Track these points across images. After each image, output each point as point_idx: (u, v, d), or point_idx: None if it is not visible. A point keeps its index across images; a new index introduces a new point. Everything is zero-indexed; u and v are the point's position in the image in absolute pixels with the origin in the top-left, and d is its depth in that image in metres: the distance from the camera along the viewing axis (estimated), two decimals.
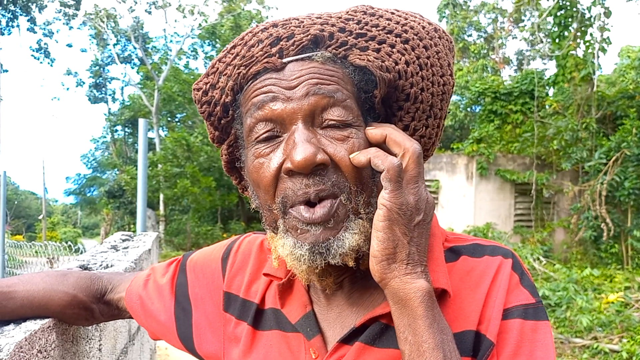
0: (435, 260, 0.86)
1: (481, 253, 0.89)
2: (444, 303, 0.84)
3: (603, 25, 12.27)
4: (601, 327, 7.37)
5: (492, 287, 0.85)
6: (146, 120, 4.63)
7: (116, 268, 1.86)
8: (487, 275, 0.86)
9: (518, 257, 0.89)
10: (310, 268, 0.83)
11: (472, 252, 0.90)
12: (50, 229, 32.80)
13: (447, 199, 14.23)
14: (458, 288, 0.85)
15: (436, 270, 0.85)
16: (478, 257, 0.89)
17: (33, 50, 29.96)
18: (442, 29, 0.94)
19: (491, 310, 0.83)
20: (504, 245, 0.91)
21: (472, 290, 0.85)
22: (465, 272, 0.87)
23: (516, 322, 0.81)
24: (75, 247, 6.70)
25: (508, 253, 0.89)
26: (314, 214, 0.80)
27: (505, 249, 0.90)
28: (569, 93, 12.98)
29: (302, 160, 0.78)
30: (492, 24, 25.49)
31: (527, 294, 0.84)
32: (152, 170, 20.55)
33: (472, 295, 0.85)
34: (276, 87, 0.83)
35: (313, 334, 0.90)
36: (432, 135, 0.93)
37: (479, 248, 0.91)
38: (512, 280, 0.85)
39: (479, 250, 0.90)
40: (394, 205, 0.77)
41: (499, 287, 0.84)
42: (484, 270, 0.87)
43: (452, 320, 0.82)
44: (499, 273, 0.86)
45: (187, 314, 1.09)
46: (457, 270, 0.88)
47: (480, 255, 0.89)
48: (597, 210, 11.65)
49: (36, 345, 1.02)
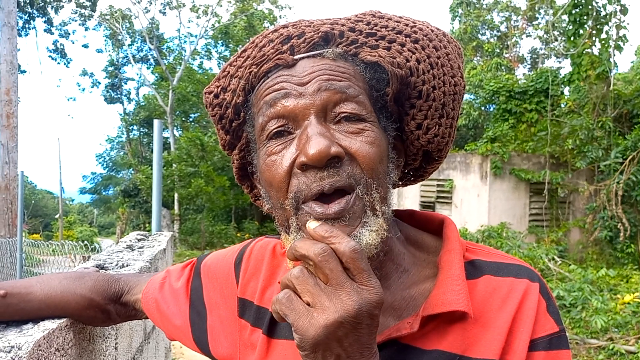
0: (456, 278, 0.83)
1: (506, 273, 0.86)
2: (464, 325, 0.81)
3: (619, 23, 12.12)
4: (617, 328, 7.29)
5: (518, 315, 0.81)
6: (161, 121, 4.66)
7: (132, 267, 1.88)
8: (512, 300, 0.83)
9: (544, 280, 0.87)
10: None
11: (496, 271, 0.87)
12: (66, 228, 33.04)
13: (461, 199, 14.15)
14: (480, 310, 0.82)
15: (457, 290, 0.82)
16: (502, 277, 0.86)
17: (50, 51, 30.31)
18: (450, 35, 0.95)
19: (518, 341, 0.80)
20: (527, 265, 0.89)
21: (495, 313, 0.82)
22: (489, 294, 0.84)
23: (540, 355, 0.80)
24: (92, 246, 6.76)
25: (534, 276, 0.86)
26: (327, 209, 0.78)
27: (530, 270, 0.87)
28: (584, 92, 12.84)
29: (316, 152, 0.76)
30: (506, 22, 25.27)
31: (553, 322, 0.83)
32: (166, 169, 20.64)
33: (495, 319, 0.82)
34: (288, 83, 0.83)
35: None
36: (446, 135, 0.92)
37: (503, 267, 0.87)
38: (540, 308, 0.83)
39: (504, 270, 0.87)
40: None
41: (527, 315, 0.81)
42: (508, 293, 0.83)
43: (471, 344, 0.80)
44: (526, 299, 0.83)
45: (202, 318, 1.09)
46: (479, 291, 0.84)
47: (505, 275, 0.86)
48: (613, 210, 11.53)
49: (54, 344, 1.04)
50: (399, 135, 0.93)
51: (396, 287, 0.89)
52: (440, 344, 0.81)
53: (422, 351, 0.82)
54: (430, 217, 1.01)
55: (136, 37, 31.36)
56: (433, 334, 0.82)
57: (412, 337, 0.82)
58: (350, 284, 0.69)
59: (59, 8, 27.76)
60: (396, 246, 0.91)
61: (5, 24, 11.18)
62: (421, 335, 0.82)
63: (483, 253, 0.91)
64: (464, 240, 0.94)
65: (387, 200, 0.84)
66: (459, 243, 0.90)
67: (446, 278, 0.84)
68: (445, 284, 0.83)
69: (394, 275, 0.90)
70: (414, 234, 0.97)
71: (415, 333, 0.82)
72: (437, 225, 0.98)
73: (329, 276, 0.69)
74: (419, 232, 0.98)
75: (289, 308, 0.70)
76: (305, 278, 0.70)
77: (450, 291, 0.81)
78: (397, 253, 0.91)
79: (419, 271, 0.91)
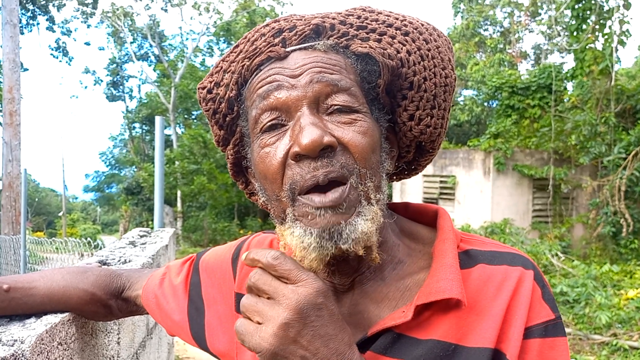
0: (449, 267, 0.83)
1: (500, 261, 0.86)
2: (459, 314, 0.81)
3: (622, 18, 12.08)
4: (621, 324, 7.29)
5: (513, 302, 0.81)
6: (162, 118, 4.67)
7: (134, 263, 1.89)
8: (506, 287, 0.82)
9: (538, 268, 0.87)
10: (320, 256, 0.80)
11: (490, 260, 0.86)
12: (70, 225, 33.19)
13: (464, 195, 14.15)
14: (474, 298, 0.82)
15: (450, 278, 0.81)
16: (496, 265, 0.85)
17: (52, 49, 30.30)
18: (439, 30, 0.95)
19: (513, 329, 0.80)
20: (522, 253, 0.89)
21: (490, 302, 0.82)
22: (483, 282, 0.84)
23: (536, 342, 0.80)
24: (95, 243, 6.78)
25: (528, 263, 0.86)
26: (325, 198, 0.79)
27: (524, 257, 0.87)
28: (587, 87, 12.81)
29: (309, 142, 0.77)
30: (509, 17, 25.22)
31: (548, 309, 0.82)
32: (169, 167, 20.70)
33: (490, 307, 0.81)
34: (280, 75, 0.84)
35: None
36: (438, 126, 0.93)
37: (497, 255, 0.87)
38: (535, 295, 0.82)
39: (498, 258, 0.87)
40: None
41: (521, 302, 0.81)
42: (503, 281, 0.83)
43: (466, 333, 0.80)
44: (520, 286, 0.82)
45: (200, 314, 1.10)
46: (473, 279, 0.84)
47: (499, 263, 0.86)
48: (616, 205, 11.51)
49: (56, 338, 1.05)
50: (392, 127, 0.94)
51: (391, 278, 0.90)
52: (436, 334, 0.81)
53: (417, 340, 0.82)
54: (424, 209, 1.01)
55: (138, 34, 31.35)
56: (428, 324, 0.82)
57: (407, 327, 0.82)
58: (283, 287, 0.74)
59: (61, 6, 27.79)
60: (391, 238, 0.92)
61: (7, 21, 11.19)
62: (416, 324, 0.82)
63: (477, 243, 0.91)
64: (458, 231, 0.94)
65: (381, 189, 0.85)
66: (452, 233, 0.90)
67: (439, 267, 0.84)
68: (438, 272, 0.83)
69: (389, 266, 0.90)
70: (408, 226, 0.98)
71: (410, 322, 0.82)
72: (431, 216, 0.99)
73: (267, 291, 0.75)
74: (413, 223, 0.99)
75: (243, 333, 0.76)
76: (251, 303, 0.76)
77: (443, 279, 0.81)
78: (391, 244, 0.91)
79: (413, 262, 0.91)
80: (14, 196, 11.21)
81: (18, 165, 11.26)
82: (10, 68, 11.17)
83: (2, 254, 10.03)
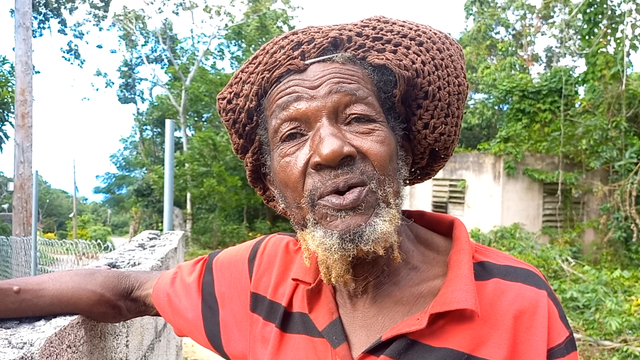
0: (464, 278, 0.85)
1: (514, 277, 0.87)
2: (473, 324, 0.83)
3: (634, 22, 12.00)
4: (631, 330, 7.22)
5: (528, 323, 0.83)
6: (172, 120, 4.69)
7: (143, 266, 1.90)
8: (520, 306, 0.84)
9: (549, 285, 0.88)
10: (343, 257, 0.81)
11: (505, 275, 0.88)
12: (80, 227, 33.38)
13: (474, 199, 14.08)
14: (488, 311, 0.84)
15: (465, 289, 0.83)
16: (510, 282, 0.87)
17: (64, 52, 30.48)
18: (452, 37, 0.97)
19: (529, 350, 0.81)
20: (534, 269, 0.90)
21: (503, 316, 0.83)
22: (497, 296, 0.85)
23: None
24: (105, 244, 6.82)
25: (541, 282, 0.87)
26: (343, 200, 0.81)
27: (537, 275, 0.89)
28: (599, 91, 12.72)
29: (330, 152, 0.79)
30: (521, 20, 25.10)
31: (564, 327, 0.85)
32: (179, 169, 20.78)
33: (503, 322, 0.83)
34: (300, 87, 0.86)
35: (339, 342, 0.90)
36: (451, 134, 0.95)
37: (511, 270, 0.88)
38: (552, 315, 0.84)
39: (512, 274, 0.88)
40: None
41: (539, 323, 0.83)
42: (516, 299, 0.84)
43: (479, 344, 0.82)
44: (537, 307, 0.84)
45: (214, 313, 1.10)
46: (488, 293, 0.86)
47: (513, 280, 0.87)
48: (627, 210, 11.41)
49: (65, 341, 1.05)
50: (407, 135, 0.95)
51: (405, 283, 0.91)
52: (449, 342, 0.82)
53: (430, 348, 0.83)
54: (440, 219, 1.03)
55: (150, 37, 31.55)
56: (441, 332, 0.83)
57: (420, 334, 0.83)
58: None
59: (73, 9, 27.99)
60: (405, 243, 0.93)
61: (20, 24, 11.30)
62: (430, 332, 0.83)
63: (492, 255, 0.92)
64: (473, 242, 0.95)
65: (400, 195, 0.87)
66: (468, 244, 0.91)
67: (455, 277, 0.85)
68: (454, 282, 0.85)
69: (403, 271, 0.91)
70: (423, 233, 0.99)
71: (424, 330, 0.83)
72: (447, 226, 1.00)
73: None
74: (428, 232, 1.00)
75: None
76: None
77: (458, 290, 0.83)
78: (406, 250, 0.92)
79: (428, 269, 0.93)
80: (25, 197, 11.31)
81: (29, 167, 11.36)
82: (23, 70, 11.28)
83: (14, 255, 10.12)
